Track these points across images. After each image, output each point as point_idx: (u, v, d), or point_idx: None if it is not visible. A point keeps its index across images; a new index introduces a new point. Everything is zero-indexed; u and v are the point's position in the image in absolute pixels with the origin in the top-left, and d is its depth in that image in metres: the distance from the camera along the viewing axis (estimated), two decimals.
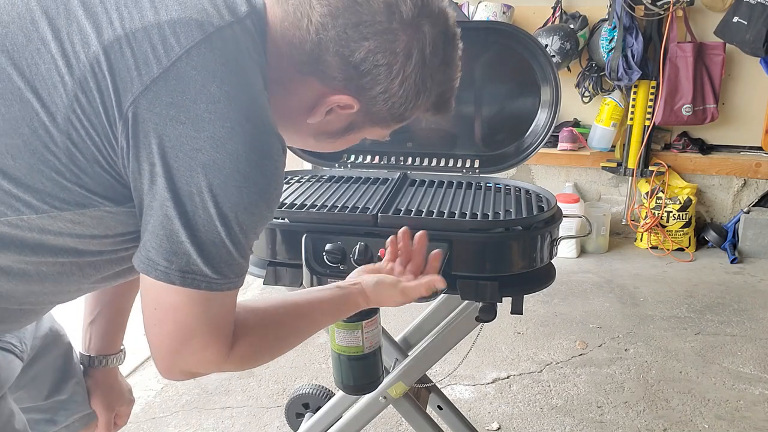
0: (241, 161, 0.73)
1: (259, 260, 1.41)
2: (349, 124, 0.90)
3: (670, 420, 2.23)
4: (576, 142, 3.83)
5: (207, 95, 0.71)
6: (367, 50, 0.79)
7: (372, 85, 0.82)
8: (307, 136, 0.93)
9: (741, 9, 3.40)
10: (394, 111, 0.86)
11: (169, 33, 0.73)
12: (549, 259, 1.36)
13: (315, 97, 0.85)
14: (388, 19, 0.79)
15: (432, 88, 0.87)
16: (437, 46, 0.84)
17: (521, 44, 1.50)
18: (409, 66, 0.82)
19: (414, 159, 1.68)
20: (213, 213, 0.73)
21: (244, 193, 0.74)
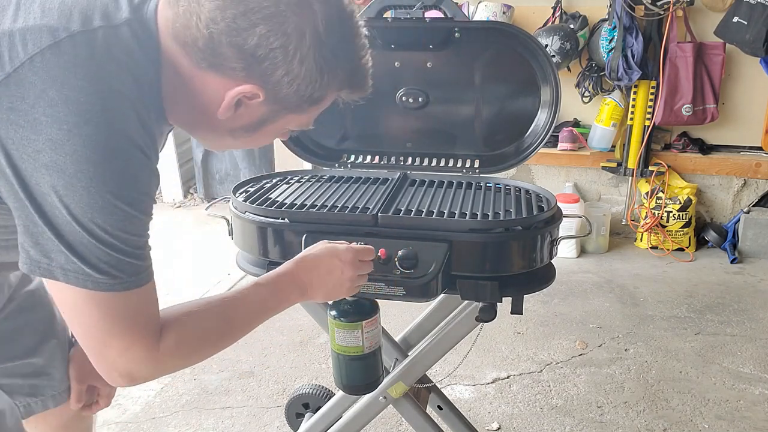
0: (82, 162, 0.74)
1: (258, 260, 1.41)
2: (261, 115, 0.91)
3: (670, 420, 2.23)
4: (576, 142, 3.83)
5: (45, 99, 0.73)
6: (260, 35, 0.80)
7: (272, 70, 0.83)
8: (223, 133, 0.94)
9: (741, 9, 3.40)
10: (302, 93, 0.87)
11: (19, 40, 0.75)
12: (549, 259, 1.36)
13: (220, 91, 0.86)
14: (275, 3, 0.80)
15: (337, 66, 0.88)
16: (332, 24, 0.85)
17: (521, 44, 1.50)
18: (304, 45, 0.83)
19: (414, 159, 1.68)
20: (66, 214, 0.75)
21: (94, 194, 0.75)
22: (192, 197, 4.76)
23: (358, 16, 0.91)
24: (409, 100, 1.62)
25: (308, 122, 0.97)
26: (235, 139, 0.96)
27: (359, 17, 0.91)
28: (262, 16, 0.80)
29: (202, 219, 4.10)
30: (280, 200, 1.47)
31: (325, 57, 0.85)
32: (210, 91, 0.87)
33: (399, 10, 1.49)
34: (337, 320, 1.29)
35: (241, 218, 1.38)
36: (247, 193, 1.52)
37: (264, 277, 1.04)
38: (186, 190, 4.79)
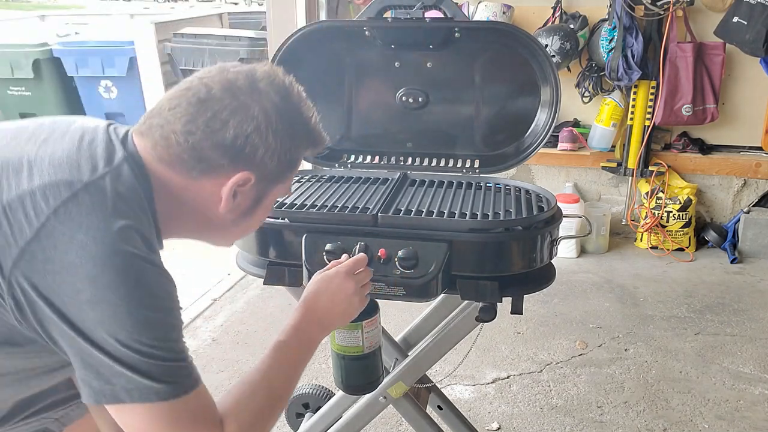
0: (119, 289, 0.83)
1: (258, 260, 1.41)
2: (255, 195, 1.01)
3: (670, 420, 2.23)
4: (576, 142, 3.83)
5: (75, 243, 0.82)
6: (234, 128, 0.91)
7: (254, 152, 0.94)
8: (227, 226, 1.03)
9: (741, 9, 3.40)
10: (282, 162, 0.98)
11: (40, 197, 0.84)
12: (549, 259, 1.36)
13: (215, 191, 0.96)
14: (233, 97, 0.92)
15: (299, 128, 0.99)
16: (282, 95, 0.97)
17: (521, 44, 1.50)
18: (271, 120, 0.94)
19: (414, 159, 1.68)
20: (116, 341, 0.83)
21: (135, 315, 0.83)
22: None
23: (295, 82, 1.01)
24: (409, 100, 1.62)
25: (288, 188, 1.08)
26: (237, 227, 1.04)
27: (296, 83, 1.01)
28: (229, 112, 0.91)
29: None
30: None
31: (290, 123, 0.97)
32: (206, 195, 0.97)
33: (399, 10, 1.49)
34: None
35: None
36: None
37: (283, 334, 1.08)
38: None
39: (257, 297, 3.16)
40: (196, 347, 2.71)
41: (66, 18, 6.47)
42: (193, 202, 0.97)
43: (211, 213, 0.99)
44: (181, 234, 1.04)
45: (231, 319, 2.95)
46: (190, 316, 2.99)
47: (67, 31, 5.07)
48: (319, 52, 1.61)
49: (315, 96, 1.68)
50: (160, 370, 0.85)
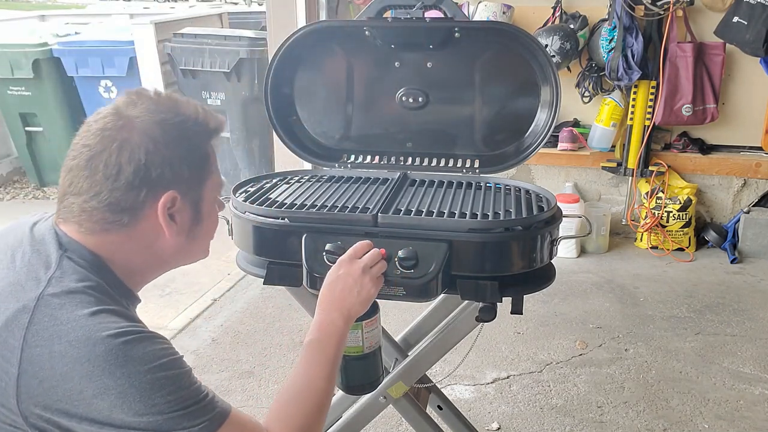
0: (115, 368, 0.85)
1: (259, 260, 1.41)
2: (191, 206, 1.02)
3: (670, 420, 2.23)
4: (576, 142, 3.83)
5: (56, 355, 0.85)
6: (128, 164, 0.93)
7: (161, 173, 0.95)
8: (187, 245, 1.05)
9: (741, 9, 3.40)
10: (193, 164, 1.00)
11: (7, 335, 0.87)
12: (549, 259, 1.36)
13: (154, 224, 0.98)
14: (112, 140, 0.94)
15: (188, 126, 0.99)
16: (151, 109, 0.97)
17: (521, 44, 1.50)
18: (156, 135, 0.95)
19: (414, 159, 1.68)
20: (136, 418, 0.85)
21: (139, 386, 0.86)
22: None
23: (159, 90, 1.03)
24: (409, 100, 1.61)
25: (218, 180, 1.08)
26: (195, 240, 1.06)
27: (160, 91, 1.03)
28: (116, 154, 0.93)
29: None
30: (280, 200, 1.47)
31: (174, 129, 0.97)
32: (149, 234, 0.99)
33: (399, 10, 1.49)
34: None
35: (241, 218, 1.38)
36: (247, 193, 1.52)
37: (310, 333, 1.11)
38: None
39: (257, 297, 3.16)
40: (196, 347, 2.71)
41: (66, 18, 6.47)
42: (144, 247, 1.00)
43: (165, 245, 1.01)
44: (154, 275, 1.08)
45: (231, 319, 2.95)
46: (190, 316, 2.99)
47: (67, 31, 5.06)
48: (319, 52, 1.61)
49: (315, 96, 1.70)
50: (187, 417, 0.88)
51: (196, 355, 2.64)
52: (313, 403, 1.03)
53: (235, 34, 4.31)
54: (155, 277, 1.10)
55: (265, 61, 4.12)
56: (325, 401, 1.05)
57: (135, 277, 1.03)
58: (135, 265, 1.01)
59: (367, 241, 1.22)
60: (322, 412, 1.04)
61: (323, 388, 1.05)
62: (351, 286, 1.16)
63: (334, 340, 1.11)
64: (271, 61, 1.59)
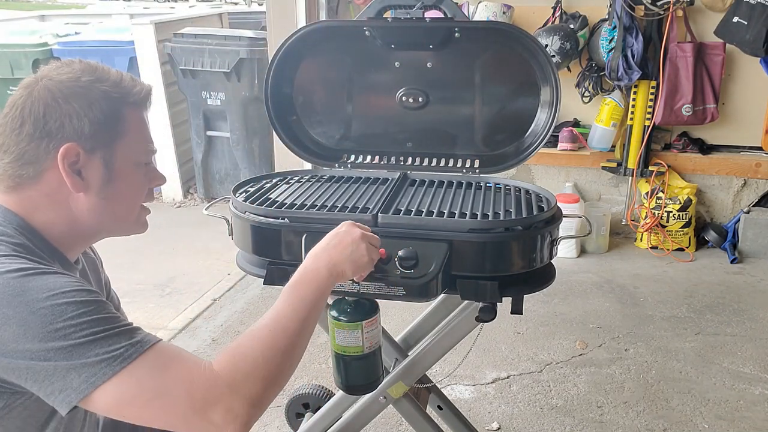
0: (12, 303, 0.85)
1: (259, 260, 1.41)
2: (101, 162, 1.03)
3: (670, 420, 2.23)
4: (576, 142, 3.83)
5: None
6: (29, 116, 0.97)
7: (60, 125, 0.98)
8: (98, 205, 1.05)
9: (741, 9, 3.40)
10: (97, 121, 1.00)
11: None
12: (549, 259, 1.36)
13: (57, 178, 1.00)
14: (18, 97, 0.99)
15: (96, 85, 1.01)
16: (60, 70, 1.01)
17: (521, 44, 1.50)
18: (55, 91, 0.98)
19: (414, 159, 1.68)
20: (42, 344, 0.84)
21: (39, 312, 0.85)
22: (192, 197, 4.76)
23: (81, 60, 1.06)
24: (409, 100, 1.61)
25: (141, 144, 1.08)
26: (109, 199, 1.06)
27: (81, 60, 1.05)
28: (19, 109, 0.98)
29: (201, 219, 4.09)
30: (280, 200, 1.47)
31: (78, 87, 1.00)
32: (56, 187, 1.01)
33: (399, 10, 1.49)
34: (337, 320, 1.29)
35: (241, 218, 1.38)
36: (247, 193, 1.52)
37: (293, 277, 1.08)
38: (186, 190, 4.79)
39: (257, 297, 3.16)
40: (196, 347, 2.71)
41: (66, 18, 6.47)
42: (58, 204, 1.02)
43: (76, 202, 1.02)
44: (85, 238, 1.10)
45: (231, 319, 2.95)
46: (190, 316, 2.99)
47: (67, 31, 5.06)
48: (319, 52, 1.61)
49: (315, 96, 1.70)
50: (98, 343, 0.85)
51: (196, 355, 2.64)
52: (274, 344, 0.94)
53: (235, 34, 4.31)
54: (88, 241, 1.12)
55: (265, 61, 4.12)
56: (290, 345, 0.96)
57: (63, 239, 1.04)
58: (57, 226, 1.03)
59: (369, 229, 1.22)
60: (287, 357, 0.95)
61: (291, 329, 0.97)
62: (347, 244, 1.13)
63: (314, 285, 1.05)
64: (271, 61, 1.59)
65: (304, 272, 1.08)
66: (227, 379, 0.90)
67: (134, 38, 4.44)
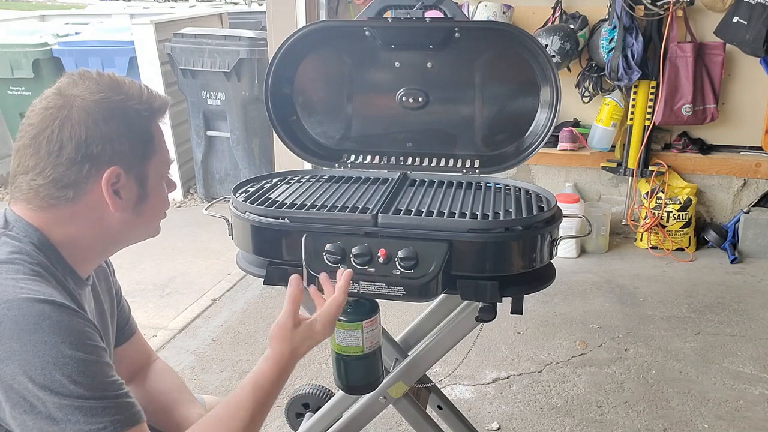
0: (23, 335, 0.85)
1: (258, 260, 1.41)
2: (136, 181, 1.04)
3: (670, 420, 2.23)
4: (576, 142, 3.83)
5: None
6: (69, 140, 0.95)
7: (102, 148, 0.97)
8: (134, 219, 1.06)
9: (741, 9, 3.40)
10: (134, 140, 1.01)
11: None
12: (549, 259, 1.36)
13: (99, 200, 1.00)
14: (53, 118, 0.96)
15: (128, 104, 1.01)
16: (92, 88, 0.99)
17: (521, 44, 1.50)
18: (94, 112, 0.97)
19: (414, 159, 1.68)
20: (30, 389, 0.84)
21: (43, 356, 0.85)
22: (192, 197, 4.76)
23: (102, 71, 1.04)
24: (409, 100, 1.62)
25: (165, 159, 1.09)
26: (142, 215, 1.07)
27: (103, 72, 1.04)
28: (58, 131, 0.95)
29: (201, 219, 4.09)
30: (280, 200, 1.47)
31: (114, 106, 0.99)
32: (95, 208, 1.01)
33: (399, 10, 1.49)
34: (337, 320, 1.29)
35: (241, 218, 1.38)
36: (247, 193, 1.52)
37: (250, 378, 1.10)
38: (186, 190, 4.80)
39: (257, 297, 3.16)
40: (196, 347, 2.71)
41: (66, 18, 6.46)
42: (91, 222, 1.02)
43: (112, 219, 1.03)
44: (103, 253, 1.10)
45: (231, 319, 2.95)
46: (190, 316, 2.99)
47: (67, 31, 5.06)
48: (319, 52, 1.61)
49: (315, 96, 1.70)
50: (83, 411, 0.86)
51: (196, 355, 2.64)
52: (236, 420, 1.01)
53: (235, 34, 4.31)
54: (104, 256, 1.12)
55: (265, 61, 4.12)
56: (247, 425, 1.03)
57: (81, 254, 1.04)
58: (82, 241, 1.03)
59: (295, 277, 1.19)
60: None
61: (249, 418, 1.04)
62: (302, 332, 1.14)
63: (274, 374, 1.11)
64: (271, 61, 1.59)
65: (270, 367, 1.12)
66: None
67: (134, 38, 4.43)
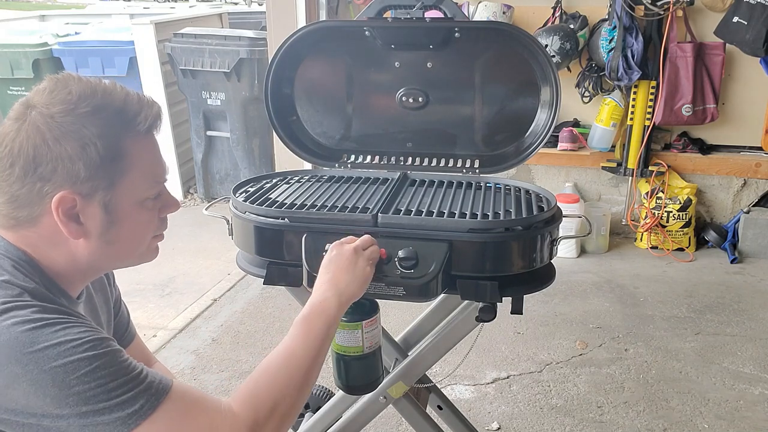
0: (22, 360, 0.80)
1: (259, 260, 1.41)
2: (103, 207, 0.93)
3: (670, 420, 2.23)
4: (576, 142, 3.83)
5: None
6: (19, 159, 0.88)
7: (49, 169, 0.88)
8: (101, 249, 0.97)
9: (741, 9, 3.40)
10: (93, 163, 0.90)
11: None
12: (549, 259, 1.36)
13: (50, 222, 0.92)
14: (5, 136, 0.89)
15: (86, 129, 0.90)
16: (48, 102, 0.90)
17: (521, 44, 1.50)
18: (43, 131, 0.88)
19: (414, 159, 1.68)
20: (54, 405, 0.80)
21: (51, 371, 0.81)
22: (192, 197, 4.76)
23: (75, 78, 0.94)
24: (409, 100, 1.61)
25: (146, 178, 0.98)
26: (113, 243, 0.98)
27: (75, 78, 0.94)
28: (8, 150, 0.89)
29: (201, 219, 4.09)
30: (280, 200, 1.47)
31: (69, 124, 0.89)
32: (56, 232, 0.92)
33: (399, 10, 1.49)
34: None
35: (241, 218, 1.38)
36: (247, 193, 1.52)
37: (301, 313, 1.07)
38: (186, 190, 4.80)
39: (257, 297, 3.16)
40: (196, 347, 2.71)
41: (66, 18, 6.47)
42: (58, 247, 0.95)
43: (76, 247, 0.95)
44: (88, 276, 1.03)
45: (231, 319, 2.95)
46: (190, 316, 2.99)
47: (67, 31, 5.06)
48: (319, 52, 1.61)
49: (315, 96, 1.70)
50: (112, 403, 0.82)
51: (196, 355, 2.64)
52: (291, 383, 0.94)
53: (235, 34, 4.31)
54: (91, 278, 1.05)
55: (265, 61, 4.12)
56: (304, 381, 0.97)
57: (65, 276, 0.98)
58: (61, 266, 0.96)
59: (370, 237, 1.22)
60: (302, 393, 0.96)
61: (305, 366, 0.97)
62: (345, 266, 1.13)
63: (324, 318, 1.05)
64: (271, 61, 1.59)
65: (312, 306, 1.07)
66: (249, 422, 0.89)
67: (134, 38, 4.44)
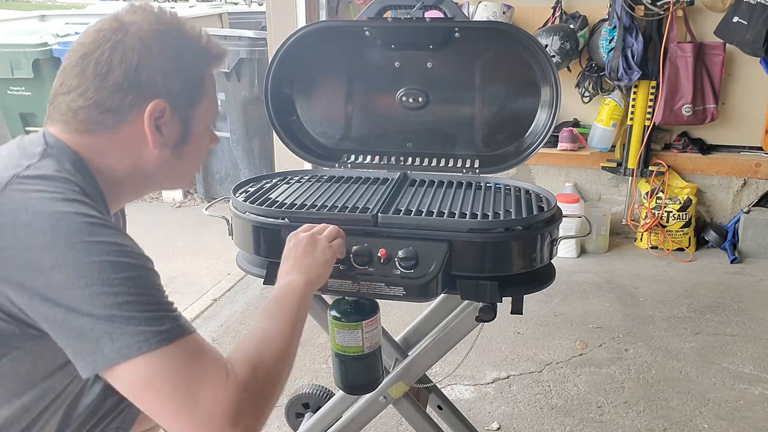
0: (77, 246, 0.83)
1: (259, 260, 1.41)
2: (181, 121, 1.01)
3: (670, 420, 2.23)
4: (576, 142, 3.83)
5: (20, 225, 0.84)
6: (119, 65, 0.93)
7: (151, 79, 0.95)
8: (172, 161, 1.03)
9: (741, 9, 3.40)
10: (187, 80, 0.99)
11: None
12: (549, 259, 1.36)
13: (139, 131, 0.97)
14: (106, 40, 0.94)
15: (186, 43, 1.00)
16: (151, 19, 0.97)
17: (521, 44, 1.50)
18: (151, 43, 0.95)
19: (414, 159, 1.68)
20: (88, 300, 0.81)
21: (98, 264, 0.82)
22: (192, 197, 4.76)
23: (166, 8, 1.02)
24: (409, 100, 1.62)
25: (213, 108, 1.07)
26: (180, 159, 1.05)
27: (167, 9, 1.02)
28: (108, 54, 0.93)
29: (202, 219, 4.09)
30: (280, 200, 1.47)
31: (171, 42, 0.97)
32: (133, 140, 0.98)
33: (399, 10, 1.49)
34: (337, 320, 1.29)
35: (241, 218, 1.38)
36: (247, 193, 1.52)
37: (270, 297, 1.08)
38: (186, 190, 4.80)
39: (257, 297, 3.16)
40: None
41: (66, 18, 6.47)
42: (128, 155, 0.99)
43: (148, 156, 1.00)
44: (134, 192, 1.07)
45: (231, 319, 2.95)
46: (190, 316, 2.99)
47: (67, 31, 5.06)
48: (319, 52, 1.61)
49: (315, 96, 1.70)
50: (141, 316, 0.82)
51: None
52: (269, 357, 0.97)
53: (235, 34, 4.30)
54: (134, 196, 1.09)
55: (265, 61, 4.12)
56: (281, 359, 0.98)
57: (114, 188, 1.01)
58: (116, 174, 1.00)
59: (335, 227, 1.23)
60: (280, 371, 0.98)
61: (280, 346, 0.99)
62: (303, 252, 1.15)
63: (294, 297, 1.07)
64: (271, 61, 1.59)
65: (279, 289, 1.09)
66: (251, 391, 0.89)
67: None
